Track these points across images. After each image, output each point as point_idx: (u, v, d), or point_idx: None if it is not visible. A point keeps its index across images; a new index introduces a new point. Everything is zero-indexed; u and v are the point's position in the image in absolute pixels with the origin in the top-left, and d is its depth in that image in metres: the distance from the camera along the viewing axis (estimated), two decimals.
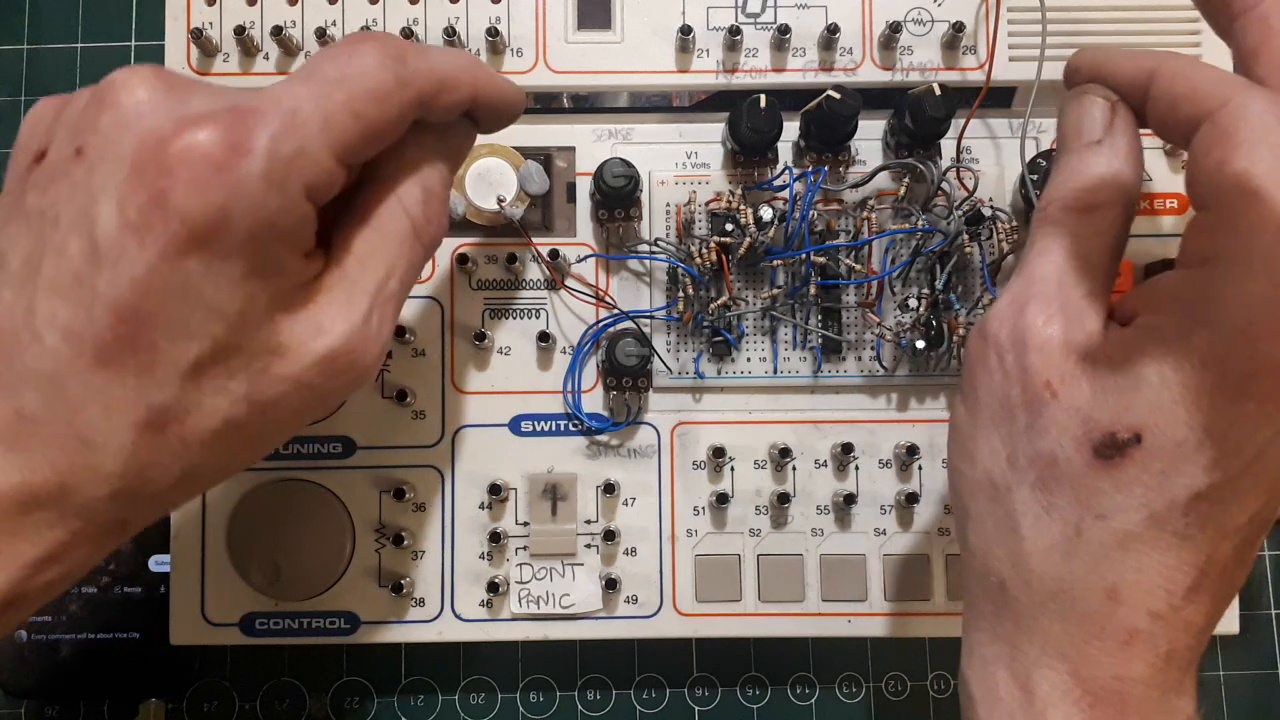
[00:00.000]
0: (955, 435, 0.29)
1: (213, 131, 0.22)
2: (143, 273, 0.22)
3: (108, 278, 0.22)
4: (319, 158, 0.24)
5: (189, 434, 0.23)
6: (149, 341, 0.22)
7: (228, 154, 0.22)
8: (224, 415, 0.24)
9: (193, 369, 0.23)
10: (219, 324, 0.23)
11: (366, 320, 0.25)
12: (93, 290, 0.22)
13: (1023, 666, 0.26)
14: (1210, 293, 0.24)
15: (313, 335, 0.24)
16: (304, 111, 0.23)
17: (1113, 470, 0.25)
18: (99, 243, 0.22)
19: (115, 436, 0.23)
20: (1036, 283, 0.27)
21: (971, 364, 0.28)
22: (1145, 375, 0.24)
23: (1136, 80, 0.27)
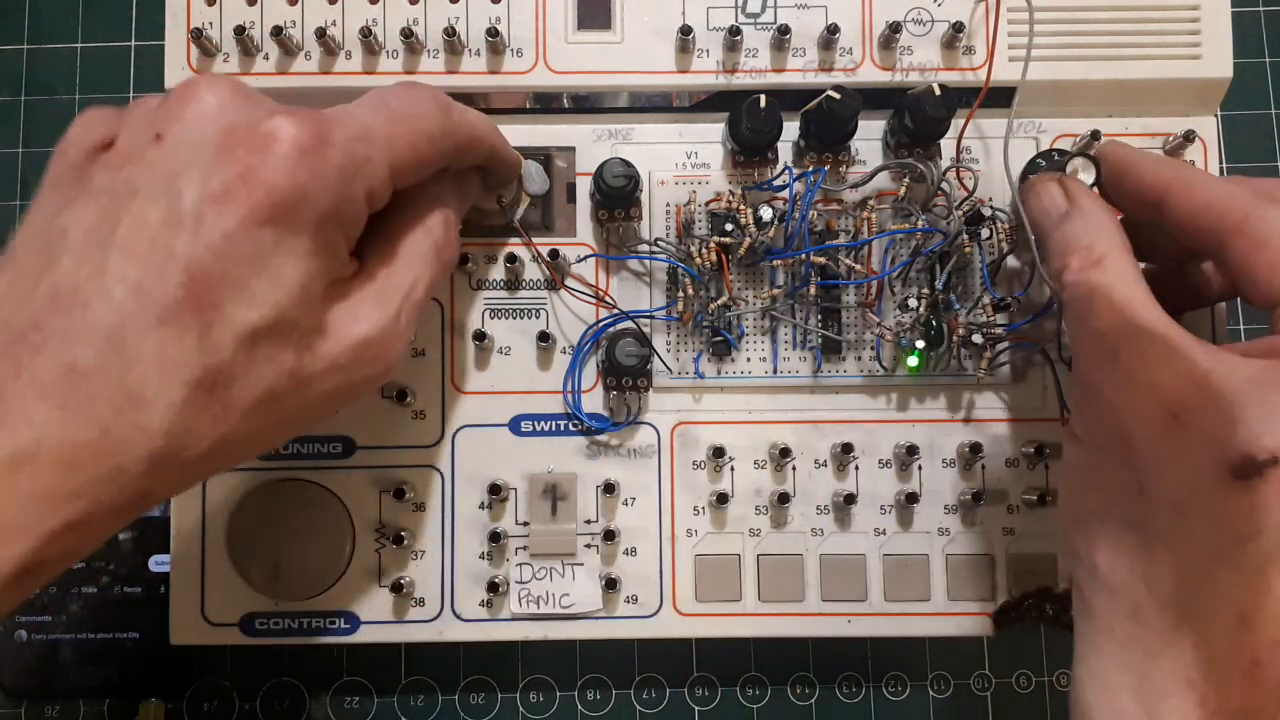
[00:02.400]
0: (1072, 474, 0.31)
1: (303, 122, 0.25)
2: (219, 237, 0.24)
3: (186, 240, 0.24)
4: (380, 169, 0.27)
5: (233, 400, 0.25)
6: (214, 303, 0.24)
7: (314, 142, 0.25)
8: (268, 385, 0.25)
9: (250, 335, 0.24)
10: (283, 293, 0.25)
11: (396, 318, 0.28)
12: (168, 251, 0.24)
13: (1150, 693, 0.27)
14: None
15: (351, 322, 0.27)
16: (374, 129, 0.27)
17: (1252, 491, 0.25)
18: (179, 210, 0.24)
19: (166, 393, 0.24)
20: (1111, 326, 0.28)
21: (1084, 409, 0.30)
22: (1276, 402, 0.25)
23: (1155, 187, 0.31)
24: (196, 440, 0.24)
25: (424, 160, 0.29)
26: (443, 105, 0.30)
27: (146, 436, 0.24)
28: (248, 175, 0.24)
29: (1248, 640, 0.25)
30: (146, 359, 0.23)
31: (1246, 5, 0.49)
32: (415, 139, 0.28)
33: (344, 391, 0.28)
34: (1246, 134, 0.48)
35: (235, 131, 0.25)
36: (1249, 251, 0.28)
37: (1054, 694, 0.45)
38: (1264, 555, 0.25)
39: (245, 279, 0.24)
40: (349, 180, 0.26)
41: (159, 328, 0.23)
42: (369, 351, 0.28)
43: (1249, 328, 0.47)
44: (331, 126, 0.26)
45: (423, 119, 0.29)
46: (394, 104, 0.28)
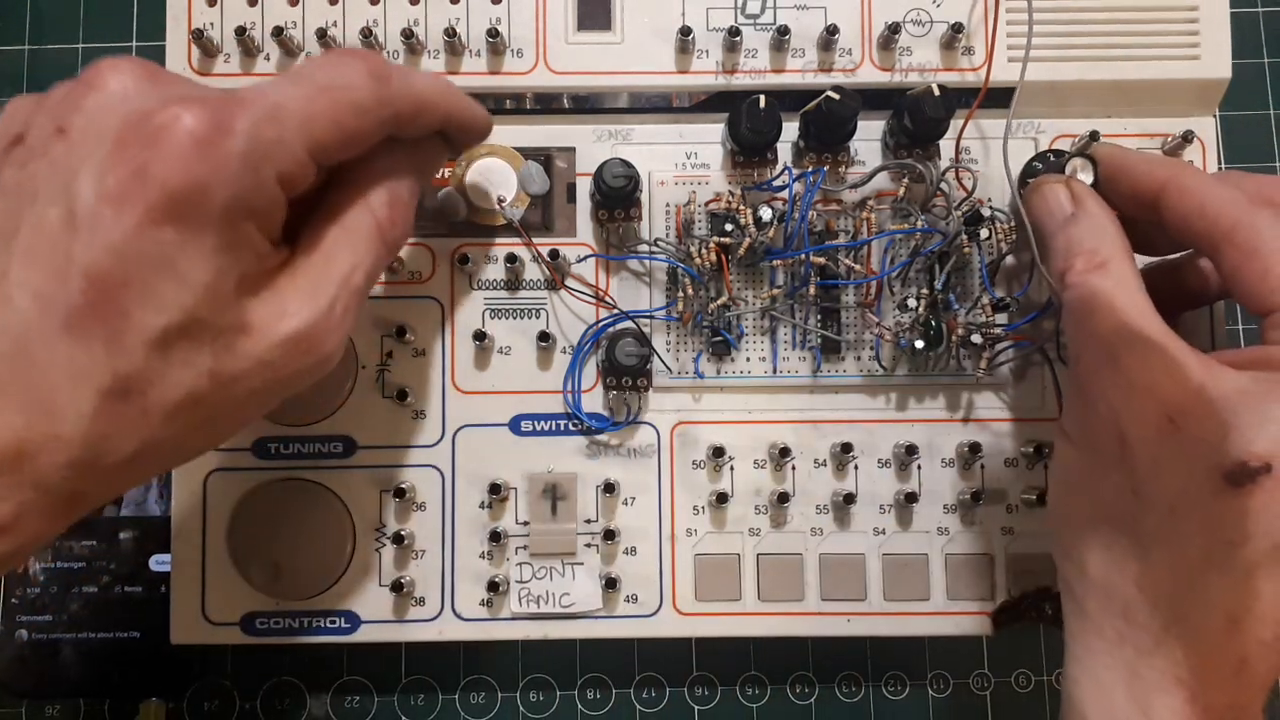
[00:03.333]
0: (1065, 474, 0.31)
1: (198, 111, 0.23)
2: (119, 239, 0.23)
3: (84, 243, 0.23)
4: (294, 150, 0.25)
5: (151, 405, 0.24)
6: (119, 308, 0.23)
7: (211, 132, 0.23)
8: (187, 388, 0.24)
9: (160, 339, 0.23)
10: (189, 295, 0.23)
11: (330, 308, 0.26)
12: (68, 256, 0.23)
13: (1141, 690, 0.27)
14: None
15: (278, 317, 0.25)
16: (287, 108, 0.25)
17: (1244, 497, 0.25)
18: (77, 211, 0.23)
19: (77, 403, 0.23)
20: (1113, 330, 0.28)
21: (1080, 410, 0.30)
22: (1272, 413, 0.26)
23: (1150, 188, 0.31)
24: (117, 446, 0.24)
25: (352, 135, 0.27)
26: (377, 73, 0.27)
27: (63, 445, 0.23)
28: (142, 172, 0.23)
29: (1237, 641, 0.26)
30: (54, 368, 0.23)
31: (1245, 5, 0.49)
32: (338, 112, 0.26)
33: (275, 388, 0.26)
34: (1245, 134, 0.48)
35: (131, 123, 0.23)
36: (1240, 260, 0.29)
37: (1053, 693, 0.45)
38: (1253, 559, 0.25)
39: (150, 281, 0.23)
40: (255, 167, 0.24)
41: (64, 336, 0.23)
42: (299, 346, 0.26)
43: (1248, 328, 0.47)
44: (234, 111, 0.24)
45: (349, 90, 0.26)
46: (317, 76, 0.26)
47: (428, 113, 0.29)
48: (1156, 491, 0.27)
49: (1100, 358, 0.29)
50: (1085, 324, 0.29)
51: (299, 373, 0.26)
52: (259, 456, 0.37)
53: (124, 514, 0.43)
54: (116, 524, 0.43)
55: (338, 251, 0.27)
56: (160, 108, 0.23)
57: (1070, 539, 0.30)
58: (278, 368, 0.26)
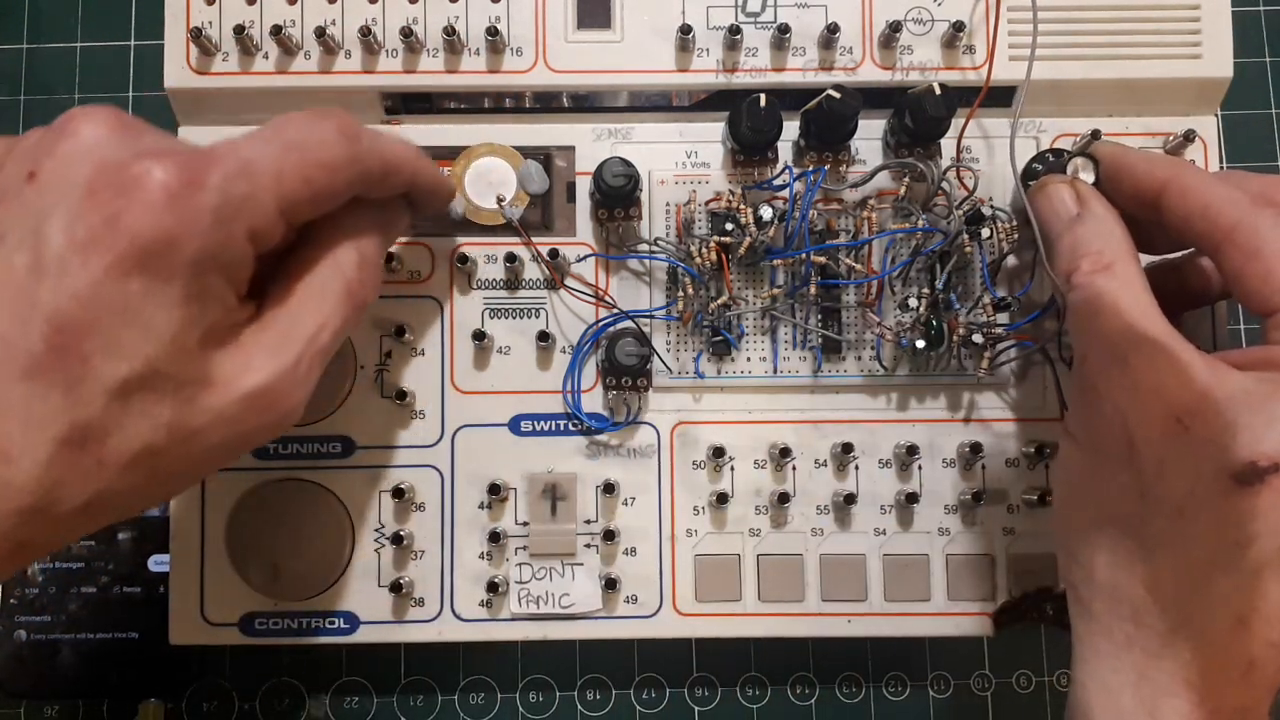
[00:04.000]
0: (1071, 476, 0.31)
1: (171, 164, 0.24)
2: (85, 287, 0.23)
3: (50, 289, 0.23)
4: (265, 206, 0.25)
5: (107, 455, 0.24)
6: (81, 356, 0.23)
7: (182, 185, 0.24)
8: (145, 440, 0.24)
9: (120, 388, 0.23)
10: (152, 346, 0.24)
11: (296, 365, 0.26)
12: (32, 302, 0.23)
13: (1150, 693, 0.27)
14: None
15: (241, 372, 0.26)
16: (258, 164, 0.25)
17: (1253, 497, 0.25)
18: (44, 257, 0.23)
19: (32, 450, 0.23)
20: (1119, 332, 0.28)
21: (1086, 411, 0.30)
22: (1276, 411, 0.26)
23: (1152, 188, 0.31)
24: (70, 495, 0.23)
25: (322, 193, 0.27)
26: (347, 132, 0.27)
27: (13, 492, 0.23)
28: (113, 221, 0.23)
29: (1244, 642, 0.26)
30: (11, 413, 0.22)
31: (1246, 5, 0.49)
32: (309, 170, 0.26)
33: (236, 443, 0.26)
34: (1246, 134, 0.48)
35: (104, 172, 0.23)
36: (1241, 261, 0.29)
37: (1054, 694, 0.45)
38: (1261, 560, 0.25)
39: (113, 330, 0.23)
40: (225, 222, 0.24)
41: (23, 381, 0.22)
42: (262, 402, 0.26)
43: (1249, 328, 0.47)
44: (206, 166, 0.24)
45: (321, 148, 0.27)
46: (288, 133, 0.27)
47: (395, 174, 0.30)
48: (1164, 492, 0.27)
49: (1107, 359, 0.29)
50: (1091, 325, 0.29)
51: (259, 429, 0.26)
52: (258, 457, 0.37)
53: None
54: (115, 524, 0.43)
55: (305, 309, 0.27)
56: (133, 159, 0.24)
57: (1076, 541, 0.30)
58: (238, 423, 0.26)
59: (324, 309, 0.28)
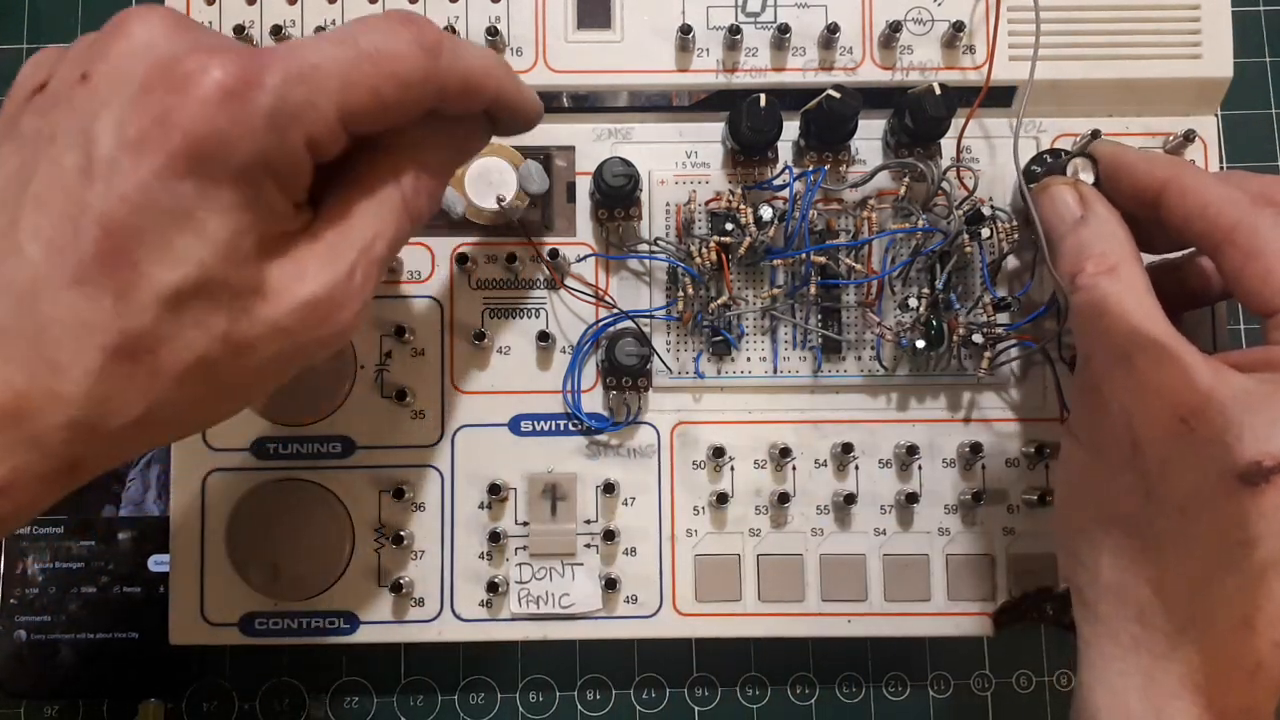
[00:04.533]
0: (1073, 476, 0.31)
1: (227, 61, 0.22)
2: (134, 189, 0.22)
3: (99, 191, 0.22)
4: (326, 115, 0.24)
5: (161, 366, 0.23)
6: (132, 261, 0.22)
7: (238, 84, 0.22)
8: (200, 351, 0.23)
9: (173, 297, 0.22)
10: (206, 251, 0.23)
11: (350, 275, 0.25)
12: (81, 204, 0.22)
13: (1157, 696, 0.27)
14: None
15: (296, 280, 0.24)
16: (324, 69, 0.24)
17: (1258, 496, 0.25)
18: (94, 158, 0.22)
19: (82, 359, 0.22)
20: (1124, 333, 0.28)
21: (1090, 412, 0.30)
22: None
23: (1151, 187, 0.31)
24: (122, 409, 0.22)
25: (390, 106, 0.25)
26: (428, 45, 0.25)
27: (64, 404, 0.22)
28: (164, 119, 0.22)
29: (1251, 642, 0.26)
30: (61, 321, 0.22)
31: (1247, 5, 0.49)
32: (380, 82, 0.25)
33: (291, 356, 0.25)
34: (1246, 134, 0.48)
35: (158, 70, 0.22)
36: (1241, 261, 0.29)
37: (1054, 694, 0.45)
38: (1266, 560, 0.25)
39: (165, 235, 0.22)
40: (282, 127, 0.23)
41: (73, 287, 0.22)
42: (317, 313, 0.25)
43: (1249, 327, 0.47)
44: (265, 67, 0.23)
45: (395, 60, 0.25)
46: (361, 40, 0.25)
47: (476, 92, 0.27)
48: (1168, 492, 0.27)
49: (1111, 360, 0.29)
50: (1096, 326, 0.29)
51: (314, 341, 0.25)
52: (258, 457, 0.37)
53: (123, 514, 0.43)
54: (115, 524, 0.43)
55: (360, 220, 0.26)
56: (188, 55, 0.22)
57: (1081, 543, 0.30)
58: (293, 334, 0.25)
59: (380, 219, 0.26)
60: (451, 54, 0.26)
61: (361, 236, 0.26)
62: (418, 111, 0.26)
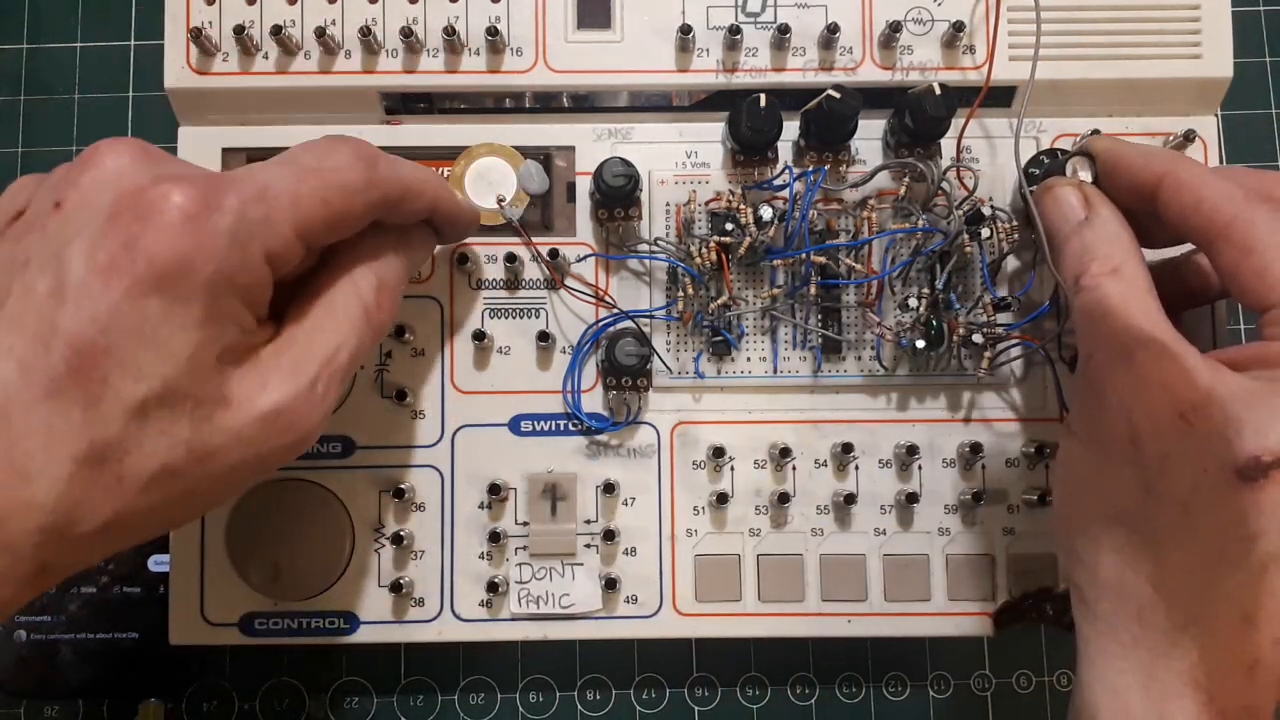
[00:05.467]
0: (1073, 474, 0.31)
1: (188, 188, 0.24)
2: (104, 310, 0.23)
3: (70, 313, 0.23)
4: (282, 229, 0.26)
5: (126, 474, 0.24)
6: (100, 376, 0.23)
7: (199, 208, 0.24)
8: (163, 459, 0.24)
9: (139, 408, 0.24)
10: (170, 366, 0.24)
11: (312, 386, 0.27)
12: (53, 325, 0.23)
13: (1158, 694, 0.27)
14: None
15: (258, 391, 0.26)
16: (275, 188, 0.26)
17: (1257, 492, 0.25)
18: (66, 282, 0.23)
19: (52, 468, 0.23)
20: (1126, 332, 0.28)
21: (1090, 409, 0.30)
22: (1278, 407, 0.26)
23: (1148, 182, 0.31)
24: (89, 514, 0.24)
25: (339, 217, 0.27)
26: (365, 157, 0.28)
27: (34, 511, 0.23)
28: (131, 245, 0.23)
29: (1251, 639, 0.26)
30: (32, 433, 0.23)
31: (1247, 5, 0.49)
32: (327, 194, 0.27)
33: (254, 463, 0.26)
34: (1246, 133, 0.48)
35: (124, 198, 0.24)
36: (1236, 257, 0.29)
37: (1054, 694, 0.45)
38: (1267, 555, 0.25)
39: (131, 351, 0.23)
40: (243, 244, 0.25)
41: (44, 401, 0.23)
42: (279, 422, 0.26)
43: (1249, 327, 0.47)
44: (223, 190, 0.25)
45: (336, 172, 0.27)
46: (304, 159, 0.27)
47: (413, 198, 0.30)
48: (1168, 489, 0.27)
49: (1113, 357, 0.29)
50: (1099, 325, 0.29)
51: (276, 450, 0.26)
52: None
53: None
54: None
55: (322, 330, 0.28)
56: (151, 184, 0.24)
57: (1081, 541, 0.30)
58: (255, 444, 0.26)
59: (341, 330, 0.28)
60: (388, 164, 0.29)
61: (324, 347, 0.27)
62: (365, 220, 0.29)
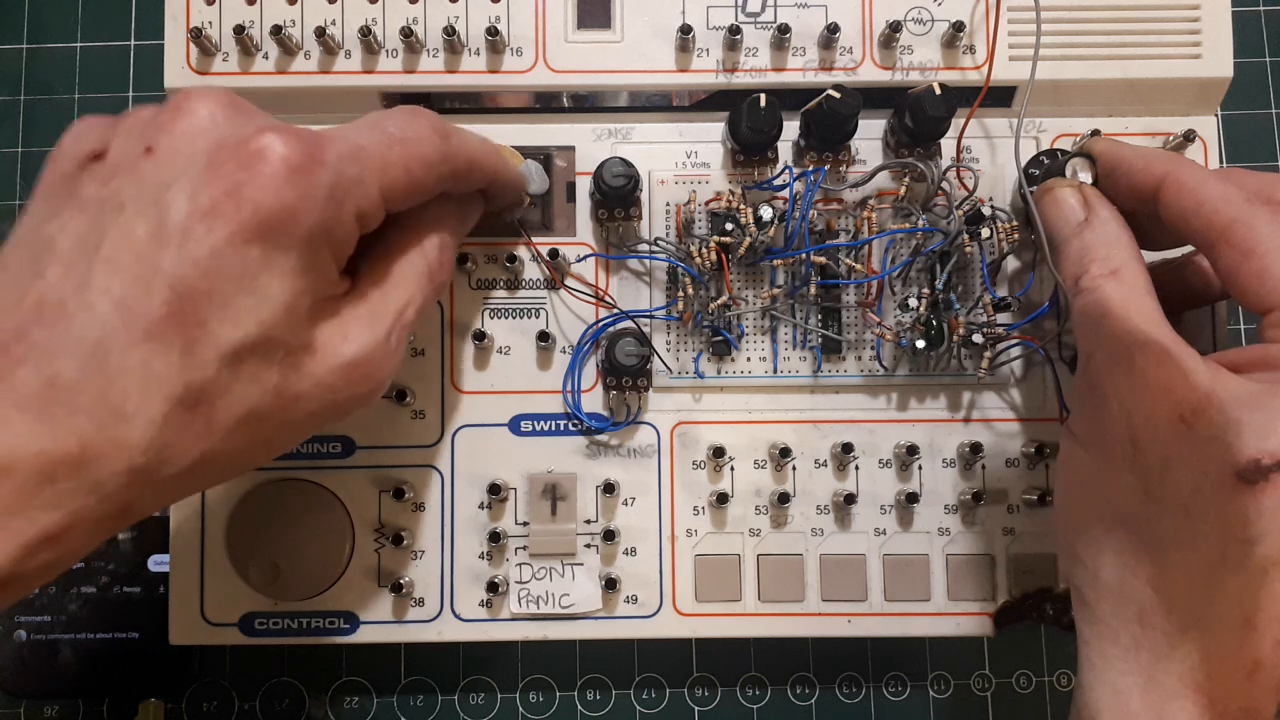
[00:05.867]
0: (1073, 476, 0.31)
1: (292, 140, 0.25)
2: (206, 254, 0.24)
3: (172, 256, 0.24)
4: (371, 191, 0.27)
5: (217, 417, 0.24)
6: (199, 320, 0.24)
7: (304, 161, 0.25)
8: (252, 404, 0.25)
9: (234, 353, 0.24)
10: (267, 313, 0.25)
11: (387, 337, 0.28)
12: (154, 267, 0.23)
13: (1158, 696, 0.27)
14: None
15: (341, 341, 0.27)
16: (367, 151, 0.27)
17: (1258, 495, 0.25)
18: (167, 225, 0.24)
19: (147, 409, 0.23)
20: (1127, 334, 0.29)
21: (1090, 411, 0.30)
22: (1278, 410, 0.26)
23: (1148, 184, 0.31)
24: (178, 456, 0.24)
25: (418, 184, 0.29)
26: (441, 131, 0.29)
27: (126, 451, 0.23)
28: (236, 192, 0.24)
29: (1251, 641, 0.26)
30: (129, 374, 0.23)
31: (1247, 5, 0.49)
32: (410, 163, 0.28)
33: (330, 411, 0.27)
34: (1246, 134, 0.48)
35: (225, 147, 0.25)
36: (1236, 259, 0.29)
37: (1054, 694, 0.45)
38: (1268, 558, 0.25)
39: (231, 296, 0.24)
40: (339, 200, 0.26)
41: (142, 343, 0.23)
42: (358, 371, 0.27)
43: (1249, 327, 0.47)
44: (324, 146, 0.26)
45: (419, 144, 0.29)
46: (390, 128, 0.28)
47: (478, 171, 0.32)
48: (1169, 491, 0.27)
49: (1113, 359, 0.29)
50: (1099, 327, 0.29)
51: (352, 398, 0.28)
52: None
53: None
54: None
55: (395, 287, 0.29)
56: (255, 134, 0.25)
57: (1081, 543, 0.30)
58: (336, 391, 0.27)
59: (409, 288, 0.29)
60: (459, 138, 0.30)
61: (397, 302, 0.29)
62: (437, 189, 0.30)
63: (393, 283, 0.29)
